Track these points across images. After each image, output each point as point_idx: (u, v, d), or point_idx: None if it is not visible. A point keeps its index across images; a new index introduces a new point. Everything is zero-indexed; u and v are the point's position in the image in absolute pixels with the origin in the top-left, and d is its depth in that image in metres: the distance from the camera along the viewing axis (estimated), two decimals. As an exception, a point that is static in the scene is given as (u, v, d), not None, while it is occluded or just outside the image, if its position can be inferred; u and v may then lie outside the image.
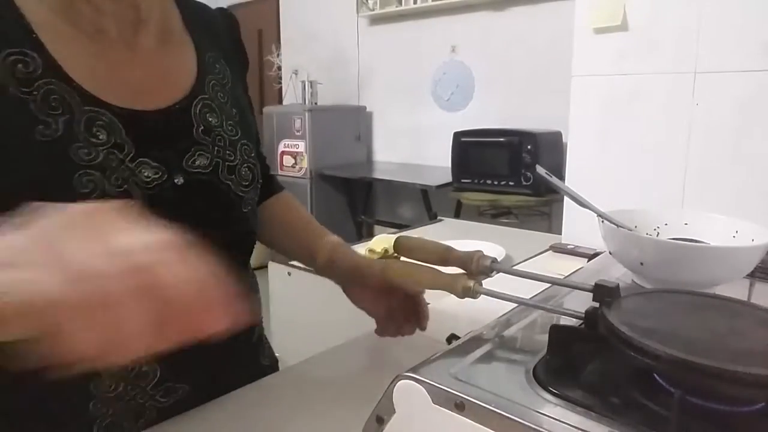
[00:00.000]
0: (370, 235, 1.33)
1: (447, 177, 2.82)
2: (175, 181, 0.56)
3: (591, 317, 0.48)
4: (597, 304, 0.48)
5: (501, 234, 1.53)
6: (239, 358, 0.68)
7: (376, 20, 3.55)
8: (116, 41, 0.56)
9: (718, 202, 1.06)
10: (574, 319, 0.52)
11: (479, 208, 2.77)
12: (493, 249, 1.25)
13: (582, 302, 0.52)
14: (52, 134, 0.50)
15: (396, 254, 0.70)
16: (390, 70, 3.58)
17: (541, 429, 0.37)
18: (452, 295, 0.64)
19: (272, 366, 0.76)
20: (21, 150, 0.49)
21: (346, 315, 0.89)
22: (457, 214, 2.82)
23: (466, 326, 0.63)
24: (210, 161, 0.60)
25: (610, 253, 0.74)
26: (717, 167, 1.06)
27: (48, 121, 0.50)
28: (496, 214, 2.77)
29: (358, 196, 3.60)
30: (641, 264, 0.67)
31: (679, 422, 0.37)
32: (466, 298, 0.63)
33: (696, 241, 0.70)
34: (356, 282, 0.70)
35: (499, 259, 1.16)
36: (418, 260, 0.67)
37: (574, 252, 1.19)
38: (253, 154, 0.66)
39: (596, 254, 0.97)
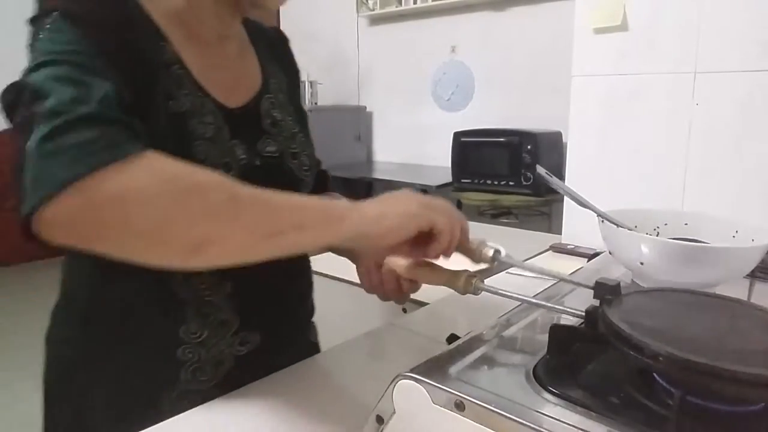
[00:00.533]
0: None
1: (447, 177, 2.82)
2: (255, 162, 0.68)
3: (591, 316, 0.48)
4: (597, 303, 0.48)
5: (501, 234, 1.53)
6: (295, 323, 0.79)
7: (376, 20, 3.55)
8: (213, 48, 0.69)
9: (718, 202, 1.06)
10: (575, 318, 0.52)
11: (479, 208, 2.77)
12: (493, 249, 1.25)
13: (583, 301, 0.52)
14: (179, 107, 0.62)
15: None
16: (390, 70, 3.58)
17: (541, 429, 0.37)
18: (453, 293, 0.64)
19: (315, 346, 0.84)
20: (157, 115, 0.59)
21: (346, 315, 0.89)
22: (457, 214, 2.81)
23: (466, 326, 0.63)
24: (277, 148, 0.71)
25: (610, 253, 0.74)
26: (717, 167, 1.06)
27: (178, 97, 0.62)
28: (496, 214, 2.76)
29: (358, 196, 3.58)
30: (641, 264, 0.67)
31: (679, 422, 0.37)
32: (467, 297, 0.63)
33: (696, 241, 0.70)
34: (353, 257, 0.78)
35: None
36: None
37: (574, 252, 1.19)
38: (309, 146, 0.78)
39: (596, 254, 0.98)
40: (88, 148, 0.44)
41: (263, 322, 0.71)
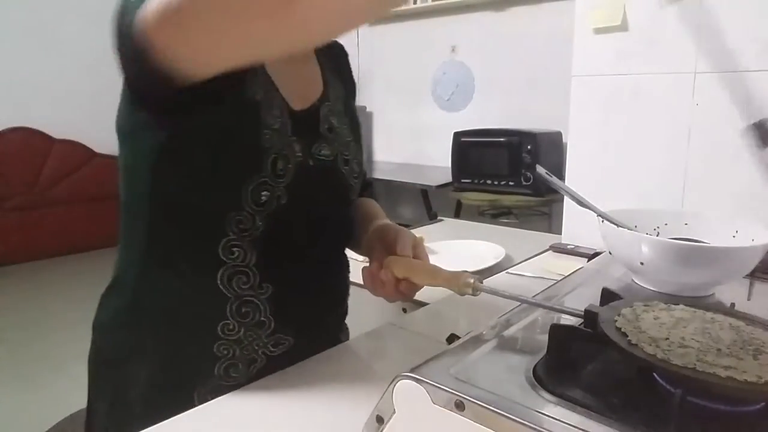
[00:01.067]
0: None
1: (447, 177, 2.82)
2: (309, 162, 0.71)
3: (591, 316, 0.48)
4: (597, 303, 0.48)
5: (501, 234, 1.53)
6: (328, 326, 0.82)
7: (376, 20, 3.55)
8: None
9: (718, 202, 1.06)
10: (575, 318, 0.52)
11: (479, 208, 2.77)
12: (493, 249, 1.25)
13: (583, 301, 0.52)
14: (252, 96, 0.65)
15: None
16: (390, 70, 3.58)
17: (541, 429, 0.37)
18: (453, 294, 0.64)
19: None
20: (233, 101, 0.63)
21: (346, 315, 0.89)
22: (457, 214, 2.82)
23: (466, 326, 0.63)
24: (331, 152, 0.74)
25: (610, 253, 0.74)
26: (717, 167, 1.05)
27: (253, 87, 0.65)
28: (496, 214, 2.76)
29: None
30: (641, 264, 0.67)
31: (679, 422, 0.37)
32: (467, 297, 0.63)
33: (696, 241, 0.70)
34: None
35: (499, 259, 1.17)
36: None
37: (574, 252, 1.19)
38: (360, 154, 0.81)
39: (596, 254, 0.97)
40: None
41: (298, 324, 0.73)
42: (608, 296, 0.56)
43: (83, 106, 3.88)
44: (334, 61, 0.84)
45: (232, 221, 0.65)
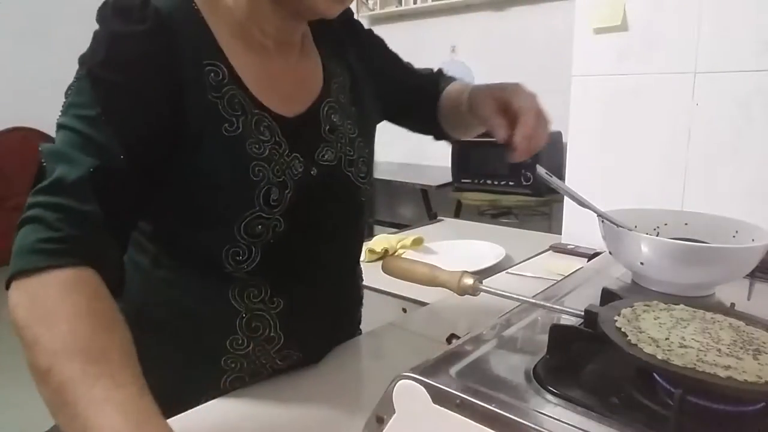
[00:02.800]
0: (371, 235, 1.33)
1: (447, 177, 2.81)
2: (311, 172, 0.67)
3: (591, 316, 0.48)
4: (597, 303, 0.48)
5: (501, 234, 1.53)
6: (339, 339, 0.79)
7: (376, 20, 3.55)
8: (273, 57, 0.68)
9: (718, 202, 1.06)
10: (575, 318, 0.52)
11: (479, 208, 2.77)
12: (493, 249, 1.25)
13: (583, 301, 0.52)
14: (234, 131, 0.61)
15: (396, 253, 0.70)
16: (390, 70, 3.57)
17: (541, 429, 0.37)
18: (453, 294, 0.64)
19: None
20: (212, 142, 0.60)
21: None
22: (457, 214, 2.81)
23: (466, 326, 0.63)
24: (335, 155, 0.70)
25: (610, 253, 0.74)
26: (717, 167, 1.05)
27: (231, 120, 0.61)
28: (496, 214, 2.76)
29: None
30: (641, 264, 0.67)
31: (679, 422, 0.37)
32: (467, 297, 0.63)
33: (696, 241, 0.70)
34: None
35: (499, 259, 1.17)
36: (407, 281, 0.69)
37: (574, 252, 1.19)
38: (367, 151, 0.76)
39: (596, 254, 0.97)
40: (18, 253, 0.48)
41: (307, 340, 0.71)
42: (608, 296, 0.56)
43: (83, 106, 3.88)
44: (339, 47, 0.78)
45: (229, 253, 0.63)
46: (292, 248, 0.67)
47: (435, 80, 0.91)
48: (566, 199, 1.16)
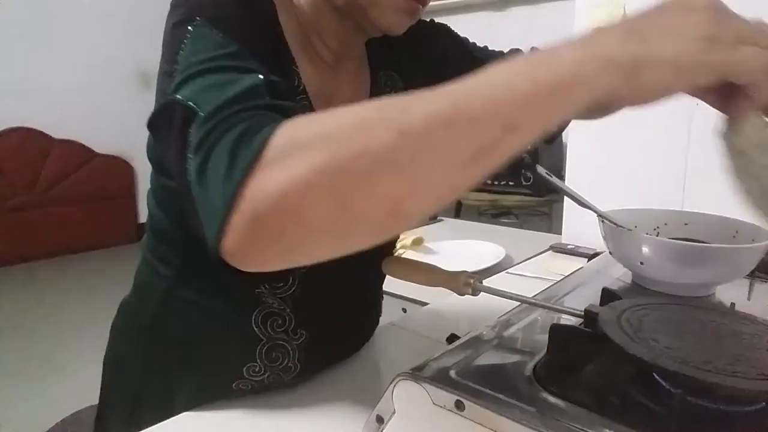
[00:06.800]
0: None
1: (447, 177, 2.81)
2: None
3: (591, 316, 0.48)
4: (597, 303, 0.48)
5: (501, 234, 1.53)
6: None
7: (376, 20, 3.55)
8: (330, 71, 0.66)
9: (718, 202, 1.06)
10: (575, 318, 0.52)
11: (479, 208, 2.77)
12: (493, 249, 1.25)
13: (583, 301, 0.52)
14: None
15: (396, 253, 0.70)
16: (390, 70, 3.57)
17: (541, 429, 0.37)
18: (453, 294, 0.64)
19: None
20: None
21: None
22: (457, 214, 2.81)
23: (466, 326, 0.63)
24: None
25: (610, 253, 0.74)
26: (717, 167, 1.05)
27: None
28: (496, 214, 2.76)
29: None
30: (641, 264, 0.67)
31: (679, 422, 0.37)
32: (467, 297, 0.63)
33: (696, 241, 0.70)
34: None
35: (499, 259, 1.17)
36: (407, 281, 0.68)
37: (574, 252, 1.19)
38: None
39: (596, 254, 0.97)
40: (229, 168, 0.38)
41: (323, 370, 0.71)
42: (608, 296, 0.56)
43: (83, 106, 3.88)
44: (392, 52, 0.73)
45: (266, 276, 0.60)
46: (327, 279, 0.65)
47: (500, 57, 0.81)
48: (566, 199, 1.16)
